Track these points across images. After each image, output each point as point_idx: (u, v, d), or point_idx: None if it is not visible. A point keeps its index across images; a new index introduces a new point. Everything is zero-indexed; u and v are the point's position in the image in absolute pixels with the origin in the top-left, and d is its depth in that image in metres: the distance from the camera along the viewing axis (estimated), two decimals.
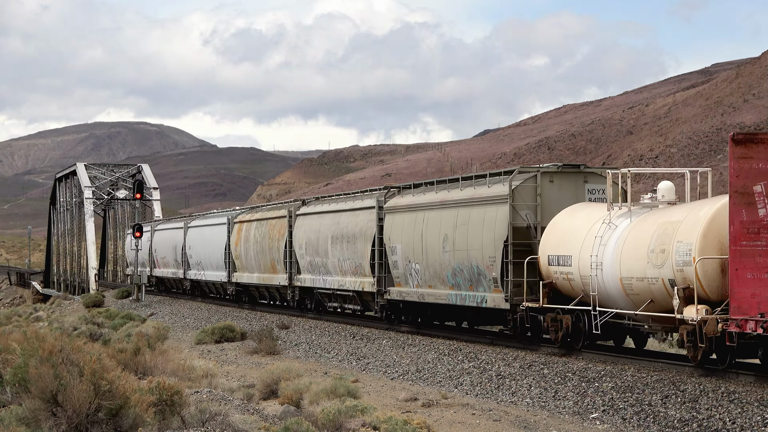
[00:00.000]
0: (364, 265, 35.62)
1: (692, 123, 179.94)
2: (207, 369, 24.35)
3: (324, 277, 39.57)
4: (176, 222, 67.72)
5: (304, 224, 41.76)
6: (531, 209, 27.41)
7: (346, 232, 37.19)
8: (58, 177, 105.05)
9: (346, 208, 38.05)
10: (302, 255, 41.60)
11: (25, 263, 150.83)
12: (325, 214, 39.94)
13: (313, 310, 42.17)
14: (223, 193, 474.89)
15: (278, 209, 45.93)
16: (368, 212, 35.72)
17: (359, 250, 35.93)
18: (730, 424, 17.62)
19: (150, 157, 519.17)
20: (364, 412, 17.29)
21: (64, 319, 53.38)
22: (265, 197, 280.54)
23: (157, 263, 69.32)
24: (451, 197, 30.48)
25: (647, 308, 22.58)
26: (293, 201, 46.05)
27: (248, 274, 49.06)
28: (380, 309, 35.07)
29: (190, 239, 59.83)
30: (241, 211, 53.90)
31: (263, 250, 46.10)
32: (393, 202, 34.21)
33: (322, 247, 39.37)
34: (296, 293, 43.12)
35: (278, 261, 44.13)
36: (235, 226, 51.23)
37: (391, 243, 33.63)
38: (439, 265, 30.56)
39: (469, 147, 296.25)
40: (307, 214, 41.88)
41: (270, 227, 45.52)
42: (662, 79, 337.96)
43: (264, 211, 48.63)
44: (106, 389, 14.34)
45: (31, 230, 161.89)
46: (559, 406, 20.80)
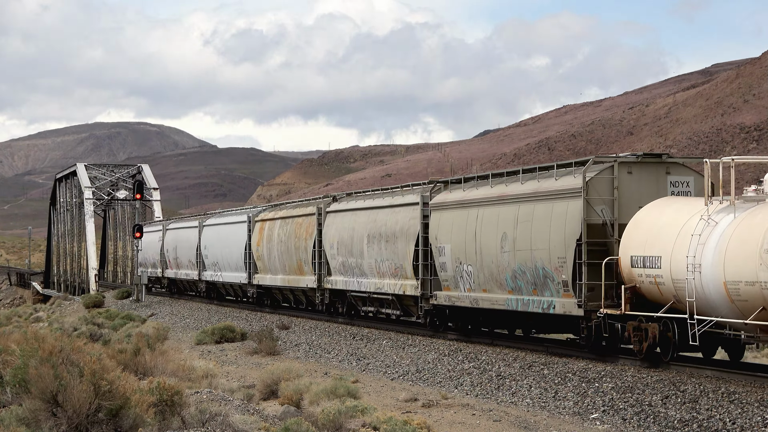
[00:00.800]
0: (405, 267, 33.10)
1: (692, 123, 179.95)
2: (207, 369, 24.36)
3: (358, 279, 36.84)
4: (190, 221, 64.04)
5: (335, 222, 38.98)
6: (607, 204, 24.61)
7: (384, 230, 34.50)
8: (58, 177, 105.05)
9: (384, 205, 35.20)
10: (333, 255, 38.81)
11: (25, 264, 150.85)
12: (359, 211, 37.07)
13: (345, 314, 39.25)
14: (223, 194, 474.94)
15: (305, 206, 43.14)
16: (411, 209, 33.14)
17: (400, 250, 33.41)
18: (730, 424, 17.61)
19: (150, 158, 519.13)
20: (364, 412, 17.30)
21: (64, 319, 53.43)
22: (265, 198, 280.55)
23: (170, 264, 66.02)
24: (511, 192, 27.60)
25: (758, 317, 19.71)
26: (322, 197, 42.80)
27: (271, 276, 46.19)
28: (424, 315, 32.26)
29: (206, 239, 56.57)
30: (262, 208, 51.01)
31: (288, 250, 43.33)
32: (440, 198, 31.41)
33: (356, 247, 36.63)
34: (326, 296, 40.19)
35: (306, 262, 41.35)
36: (257, 224, 48.28)
37: (438, 243, 30.91)
38: (496, 267, 27.86)
39: (469, 147, 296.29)
40: (339, 212, 39.05)
41: (296, 225, 42.64)
42: (662, 80, 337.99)
43: (289, 208, 45.70)
44: (106, 389, 14.34)
45: (31, 231, 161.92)
46: (560, 406, 20.79)
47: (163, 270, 67.19)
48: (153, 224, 76.48)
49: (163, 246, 66.79)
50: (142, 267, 73.14)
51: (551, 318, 26.78)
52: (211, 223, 56.92)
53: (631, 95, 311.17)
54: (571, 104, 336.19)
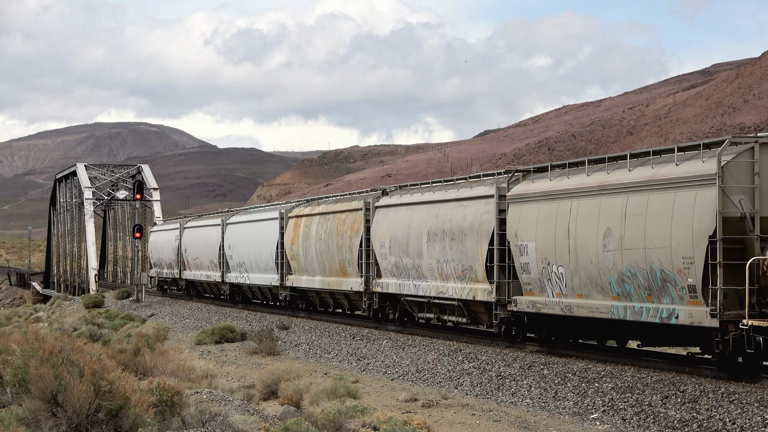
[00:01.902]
0: (475, 269, 29.15)
1: (692, 123, 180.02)
2: (207, 369, 24.38)
3: (415, 282, 32.86)
4: (212, 218, 59.53)
5: (386, 218, 35.08)
6: (747, 194, 20.73)
7: (449, 227, 30.61)
8: (58, 177, 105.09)
9: (448, 198, 31.35)
10: (384, 255, 34.84)
11: (25, 264, 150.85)
12: (416, 206, 33.24)
13: (397, 321, 35.19)
14: (223, 194, 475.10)
15: (349, 201, 39.30)
16: (482, 203, 29.16)
17: (469, 249, 29.47)
18: (730, 424, 17.62)
19: (150, 158, 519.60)
20: (364, 412, 17.30)
21: (64, 319, 53.44)
22: (265, 198, 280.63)
23: (188, 265, 61.66)
24: (615, 180, 23.74)
25: None
26: (370, 191, 38.85)
27: (307, 278, 42.12)
28: (500, 323, 28.38)
29: (231, 237, 52.49)
30: (296, 203, 46.71)
31: (329, 249, 39.49)
32: (520, 189, 27.48)
33: (413, 246, 32.77)
34: (375, 301, 35.94)
35: (350, 262, 37.54)
36: (291, 221, 44.28)
37: (519, 240, 27.02)
38: (596, 269, 23.99)
39: (469, 147, 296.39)
40: (391, 206, 35.10)
41: (339, 222, 38.81)
42: (662, 80, 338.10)
43: (329, 203, 41.86)
44: (106, 390, 14.35)
45: (31, 231, 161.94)
46: (559, 406, 20.80)
47: (181, 271, 63.15)
48: (169, 222, 73.26)
49: (180, 245, 62.87)
50: (156, 268, 70.05)
51: (670, 329, 23.25)
52: (236, 220, 53.10)
53: (631, 95, 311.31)
54: (571, 104, 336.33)
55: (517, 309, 27.38)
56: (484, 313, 29.49)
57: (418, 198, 33.57)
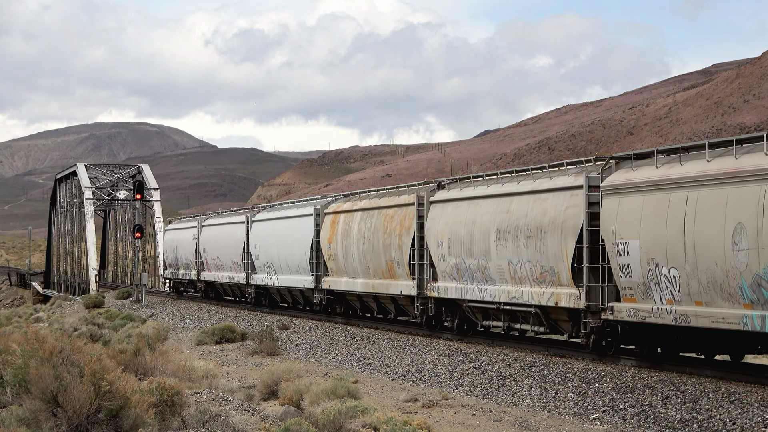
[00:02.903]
0: (559, 270, 25.63)
1: (692, 123, 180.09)
2: (207, 370, 24.38)
3: (481, 285, 29.22)
4: (235, 215, 55.59)
5: (444, 214, 31.56)
6: None
7: (524, 223, 27.11)
8: (58, 177, 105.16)
9: (522, 191, 27.82)
10: (442, 256, 31.32)
11: (25, 264, 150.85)
12: (482, 200, 29.70)
13: (455, 329, 31.53)
14: (224, 194, 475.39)
15: (397, 195, 35.76)
16: (567, 194, 25.74)
17: (550, 248, 25.94)
18: (730, 424, 17.62)
19: (150, 158, 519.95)
20: (364, 412, 17.30)
21: (64, 319, 53.46)
22: (265, 198, 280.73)
23: (207, 265, 57.45)
24: (749, 165, 20.17)
25: None
26: (423, 183, 35.05)
27: (347, 280, 38.40)
28: (589, 333, 24.68)
29: (257, 236, 48.87)
30: (332, 198, 42.73)
31: (373, 249, 35.93)
32: (618, 179, 23.96)
33: (478, 245, 29.24)
34: (429, 307, 32.48)
35: (399, 263, 34.01)
36: (327, 217, 40.56)
37: (617, 238, 23.44)
38: (722, 272, 20.55)
39: (469, 147, 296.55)
40: (450, 201, 31.61)
41: (386, 219, 35.35)
42: (662, 80, 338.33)
43: (373, 197, 37.97)
44: (106, 390, 14.35)
45: (31, 231, 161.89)
46: (560, 406, 20.80)
47: (199, 272, 58.95)
48: (185, 220, 69.15)
49: (198, 245, 58.80)
50: (171, 269, 66.55)
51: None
52: (263, 217, 49.41)
53: (631, 95, 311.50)
54: (572, 104, 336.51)
55: (614, 317, 23.57)
56: (567, 321, 25.93)
57: (482, 191, 29.93)
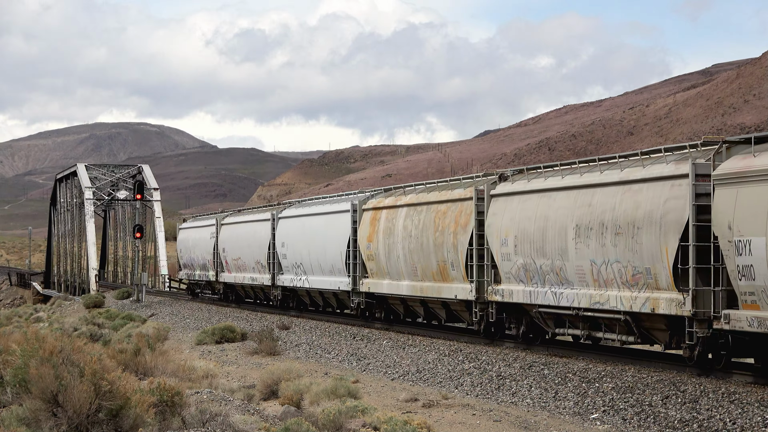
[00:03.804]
0: (656, 272, 22.61)
1: (693, 123, 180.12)
2: (207, 369, 24.39)
3: (555, 289, 26.13)
4: (259, 212, 52.12)
5: (509, 208, 28.55)
6: None
7: (611, 218, 24.06)
8: (58, 178, 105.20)
9: (607, 181, 24.65)
10: (507, 255, 28.32)
11: (25, 264, 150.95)
12: (555, 193, 26.62)
13: (521, 337, 28.60)
14: (224, 194, 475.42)
15: (450, 188, 32.46)
16: (667, 185, 22.65)
17: (646, 247, 22.90)
18: (730, 424, 17.62)
19: (150, 158, 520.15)
20: (364, 412, 17.30)
21: (64, 319, 53.43)
22: (265, 198, 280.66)
23: (227, 266, 54.07)
24: None
25: None
26: (482, 175, 31.65)
27: (390, 282, 35.23)
28: (695, 344, 21.74)
29: (284, 234, 45.54)
30: (371, 193, 39.34)
31: (422, 248, 32.81)
32: (734, 166, 20.76)
33: (552, 244, 26.25)
34: (491, 312, 29.28)
35: (454, 264, 30.93)
36: (367, 214, 37.42)
37: (735, 235, 20.39)
38: None
39: (469, 147, 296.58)
40: (516, 194, 28.51)
41: (437, 215, 32.16)
42: (663, 80, 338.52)
43: (421, 191, 34.64)
44: (106, 390, 14.36)
45: (31, 231, 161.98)
46: (560, 406, 20.80)
47: (218, 273, 55.56)
48: (201, 218, 64.96)
49: (217, 244, 55.43)
50: (186, 269, 62.80)
51: None
52: (290, 214, 46.09)
53: (631, 95, 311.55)
54: (572, 104, 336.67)
55: (730, 327, 20.54)
56: (663, 330, 23.06)
57: (556, 182, 26.73)
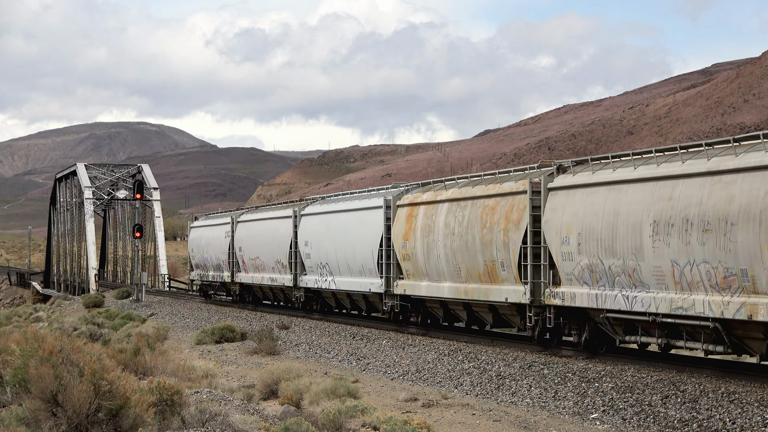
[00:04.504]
0: (755, 275, 20.34)
1: (692, 123, 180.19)
2: (207, 369, 24.39)
3: (626, 292, 23.78)
4: (279, 209, 49.40)
5: (570, 203, 26.09)
6: None
7: (697, 213, 21.77)
8: (58, 177, 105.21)
9: (693, 172, 22.16)
10: (568, 254, 25.92)
11: (25, 263, 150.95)
12: (627, 185, 24.17)
13: (582, 345, 26.28)
14: (224, 194, 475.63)
15: (499, 181, 29.85)
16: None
17: (742, 245, 20.60)
18: (730, 424, 17.62)
19: (150, 158, 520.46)
20: (364, 412, 17.29)
21: (64, 319, 53.43)
22: (265, 197, 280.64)
23: (244, 266, 51.59)
24: None
25: None
26: (537, 167, 28.94)
27: (429, 284, 32.84)
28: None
29: (308, 232, 43.18)
30: (406, 188, 36.73)
31: (467, 247, 30.42)
32: None
33: (624, 242, 23.87)
34: (548, 317, 26.91)
35: (504, 264, 28.57)
36: (402, 210, 35.11)
37: None
38: None
39: (469, 147, 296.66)
40: (578, 187, 26.01)
41: (484, 211, 29.76)
42: (663, 80, 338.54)
43: (464, 186, 32.00)
44: (106, 389, 14.35)
45: (31, 230, 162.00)
46: (559, 406, 20.80)
47: (233, 274, 53.07)
48: (215, 216, 61.48)
49: (232, 243, 53.02)
50: (199, 270, 60.14)
51: None
52: (315, 211, 43.54)
53: (631, 95, 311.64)
54: (572, 104, 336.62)
55: None
56: (760, 340, 20.98)
57: (627, 174, 24.35)
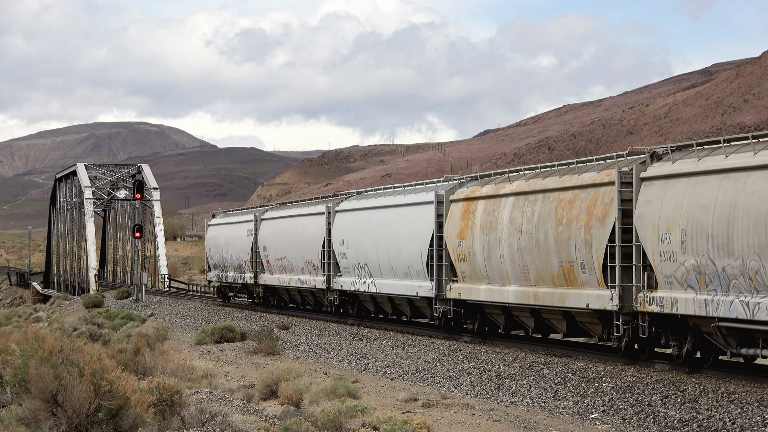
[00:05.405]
0: None
1: (692, 123, 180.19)
2: (207, 369, 24.39)
3: (745, 297, 20.51)
4: (310, 205, 45.47)
5: (671, 195, 22.62)
6: None
7: None
8: (58, 177, 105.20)
9: None
10: (670, 254, 22.41)
11: (25, 264, 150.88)
12: (745, 173, 20.66)
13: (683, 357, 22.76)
14: (223, 194, 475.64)
15: (578, 172, 26.38)
16: None
17: None
18: (730, 424, 17.62)
19: (150, 158, 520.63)
20: (364, 412, 17.29)
21: (64, 319, 53.45)
22: (265, 197, 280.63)
23: (268, 267, 48.40)
24: None
25: None
26: (625, 155, 25.32)
27: (490, 287, 29.36)
28: None
29: (343, 230, 39.80)
30: (459, 181, 33.07)
31: (538, 246, 27.05)
32: None
33: (743, 239, 20.53)
34: (642, 326, 23.40)
35: (585, 265, 25.25)
36: (456, 206, 31.49)
37: None
38: None
39: (469, 147, 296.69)
40: (679, 176, 22.47)
41: (559, 205, 26.42)
42: (662, 80, 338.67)
43: (532, 177, 28.41)
44: (106, 389, 14.35)
45: (31, 230, 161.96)
46: (559, 406, 20.80)
47: (257, 275, 49.81)
48: (235, 213, 58.22)
49: (256, 242, 49.73)
50: (217, 270, 56.86)
51: None
52: (351, 207, 40.03)
53: (631, 95, 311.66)
54: (572, 104, 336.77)
55: None
56: None
57: (746, 160, 20.74)
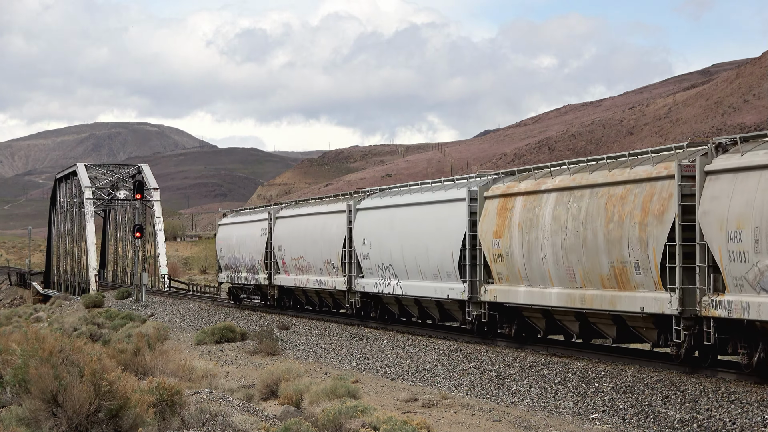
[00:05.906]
0: None
1: (692, 123, 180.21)
2: (207, 369, 24.39)
3: None
4: (329, 203, 43.34)
5: (741, 189, 20.24)
6: None
7: None
8: (58, 177, 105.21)
9: None
10: (741, 254, 20.02)
11: (25, 264, 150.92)
12: None
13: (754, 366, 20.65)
14: (224, 194, 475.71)
15: (630, 165, 24.33)
16: None
17: None
18: (730, 424, 17.62)
19: (150, 158, 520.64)
20: (364, 412, 17.29)
21: (64, 319, 53.45)
22: (265, 198, 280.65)
23: (284, 267, 46.39)
24: None
25: None
26: (686, 146, 23.06)
27: (529, 289, 27.34)
28: None
29: (366, 229, 37.84)
30: (495, 176, 30.88)
31: (585, 245, 24.92)
32: None
33: None
34: (707, 332, 21.13)
35: (640, 265, 23.11)
36: (492, 203, 29.44)
37: None
38: None
39: (469, 147, 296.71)
40: (751, 169, 20.16)
41: (609, 201, 24.31)
42: (662, 80, 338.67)
43: (576, 172, 26.40)
44: (106, 390, 14.35)
45: (31, 231, 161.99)
46: (559, 406, 20.80)
47: (271, 276, 47.84)
48: (248, 212, 56.34)
49: (270, 242, 47.86)
50: (228, 271, 55.00)
51: None
52: (373, 205, 38.05)
53: (631, 95, 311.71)
54: (572, 104, 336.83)
55: None
56: None
57: None
